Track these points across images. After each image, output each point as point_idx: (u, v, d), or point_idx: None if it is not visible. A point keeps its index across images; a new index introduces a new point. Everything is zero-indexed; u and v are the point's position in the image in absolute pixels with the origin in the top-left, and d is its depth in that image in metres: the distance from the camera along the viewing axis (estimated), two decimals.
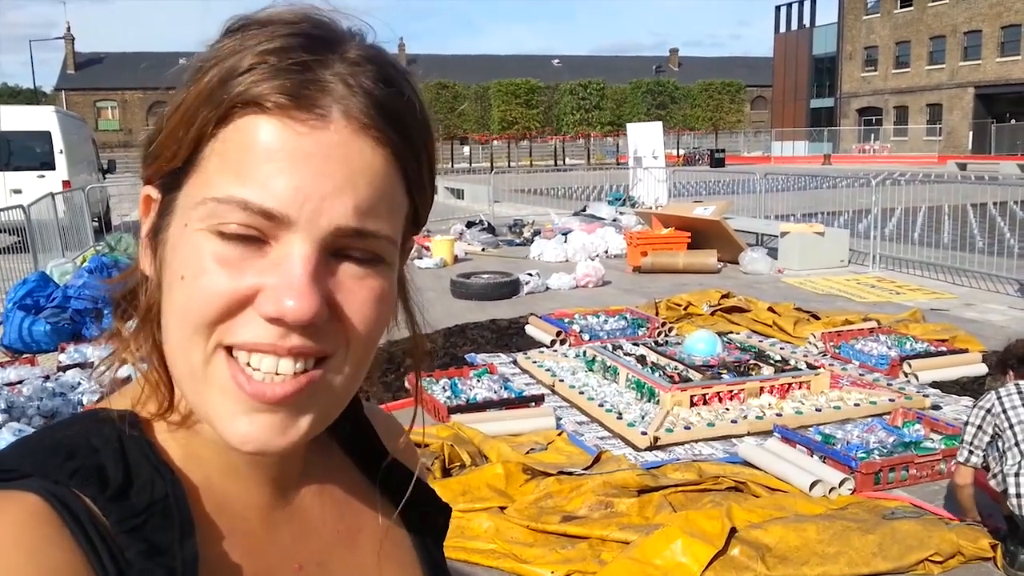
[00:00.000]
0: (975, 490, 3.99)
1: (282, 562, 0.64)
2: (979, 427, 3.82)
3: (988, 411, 3.81)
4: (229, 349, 0.56)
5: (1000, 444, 3.74)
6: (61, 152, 15.64)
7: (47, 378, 6.36)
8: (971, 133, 47.18)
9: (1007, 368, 4.03)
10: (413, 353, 0.72)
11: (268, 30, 0.57)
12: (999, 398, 3.80)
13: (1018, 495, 3.54)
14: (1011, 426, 3.68)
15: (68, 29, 65.76)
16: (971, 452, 3.86)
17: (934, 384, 6.54)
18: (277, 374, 0.56)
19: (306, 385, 0.56)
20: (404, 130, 0.58)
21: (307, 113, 0.54)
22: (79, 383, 6.26)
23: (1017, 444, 3.63)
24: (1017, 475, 3.57)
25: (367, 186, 0.56)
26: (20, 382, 6.21)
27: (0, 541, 0.50)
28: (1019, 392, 3.78)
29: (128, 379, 0.66)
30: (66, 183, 15.26)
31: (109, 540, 0.54)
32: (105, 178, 19.83)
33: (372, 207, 0.56)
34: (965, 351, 7.07)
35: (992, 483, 3.74)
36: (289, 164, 0.54)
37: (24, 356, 7.38)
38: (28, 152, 15.68)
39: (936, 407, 6.02)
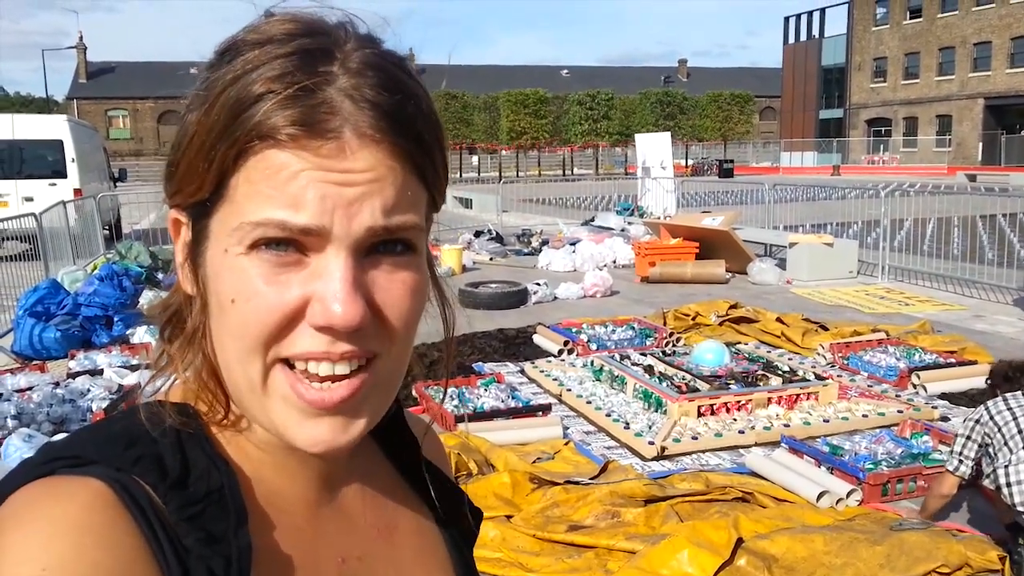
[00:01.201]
0: (983, 503, 4.00)
1: (327, 554, 0.67)
2: (968, 437, 3.97)
3: (977, 422, 3.95)
4: (285, 361, 0.59)
5: (991, 449, 3.87)
6: (73, 161, 15.76)
7: (57, 385, 6.39)
8: (981, 144, 47.04)
9: (995, 389, 4.18)
10: (445, 327, 0.75)
11: (265, 51, 0.57)
12: (987, 408, 3.95)
13: (1008, 484, 3.66)
14: (999, 429, 3.83)
15: (80, 38, 66.22)
16: (960, 462, 3.99)
17: (943, 396, 6.52)
18: (332, 381, 0.59)
19: (359, 388, 0.60)
20: (415, 133, 0.60)
21: (320, 139, 0.56)
22: (88, 390, 6.28)
23: (1006, 443, 3.79)
24: (1007, 467, 3.70)
25: (389, 187, 0.58)
26: (30, 388, 6.25)
27: (70, 524, 0.53)
28: (1004, 400, 3.93)
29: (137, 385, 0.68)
30: (77, 191, 15.39)
31: (168, 527, 0.56)
32: (116, 186, 20.00)
33: (396, 204, 0.59)
34: (974, 363, 7.04)
35: (986, 483, 3.84)
36: (314, 181, 0.56)
37: (34, 363, 7.43)
38: (40, 160, 15.81)
39: (945, 419, 6.00)
